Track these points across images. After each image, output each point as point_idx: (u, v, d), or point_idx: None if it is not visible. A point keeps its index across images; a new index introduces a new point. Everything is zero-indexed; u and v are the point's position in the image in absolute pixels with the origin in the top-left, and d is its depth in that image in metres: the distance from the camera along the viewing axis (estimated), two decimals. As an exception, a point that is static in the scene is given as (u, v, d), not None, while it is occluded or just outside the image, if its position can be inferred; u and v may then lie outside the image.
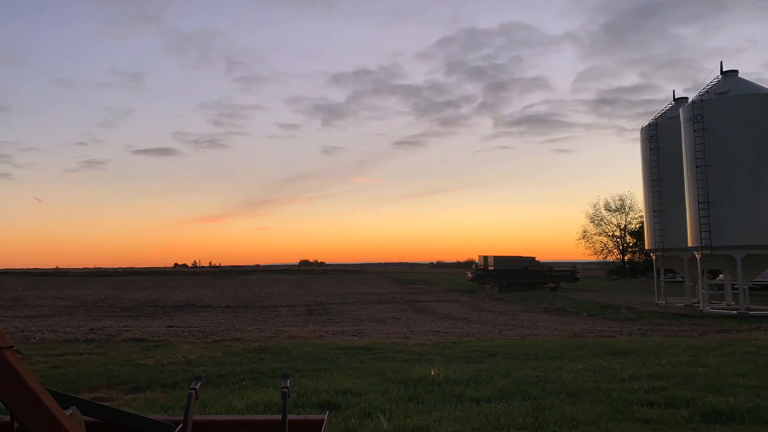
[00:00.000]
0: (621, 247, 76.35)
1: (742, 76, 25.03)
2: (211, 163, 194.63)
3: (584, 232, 77.45)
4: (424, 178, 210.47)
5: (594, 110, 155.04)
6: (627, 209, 75.22)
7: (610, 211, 76.43)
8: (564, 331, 17.05)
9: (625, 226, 75.41)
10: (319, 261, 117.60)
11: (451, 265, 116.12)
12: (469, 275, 48.06)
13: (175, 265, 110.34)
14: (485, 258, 48.27)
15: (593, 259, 78.89)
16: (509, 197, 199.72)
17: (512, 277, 45.37)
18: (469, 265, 64.52)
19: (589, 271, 77.54)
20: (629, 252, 75.58)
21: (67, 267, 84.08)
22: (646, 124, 29.88)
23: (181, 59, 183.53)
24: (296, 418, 3.13)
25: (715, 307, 25.18)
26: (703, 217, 23.57)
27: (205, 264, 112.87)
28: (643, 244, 34.95)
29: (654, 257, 30.57)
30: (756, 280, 29.23)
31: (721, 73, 25.07)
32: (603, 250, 77.43)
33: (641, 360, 10.43)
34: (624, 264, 75.71)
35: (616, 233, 76.59)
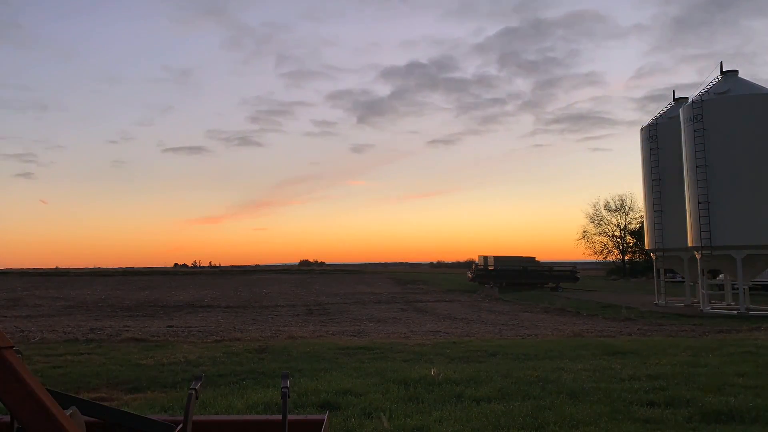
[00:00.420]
0: (621, 247, 76.39)
1: (742, 76, 25.06)
2: (236, 162, 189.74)
3: (584, 232, 77.57)
4: (426, 179, 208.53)
5: (641, 108, 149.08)
6: (627, 209, 75.33)
7: (610, 211, 76.54)
8: (564, 331, 17.05)
9: (625, 226, 75.49)
10: (319, 261, 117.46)
11: (451, 265, 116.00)
12: (469, 275, 48.07)
13: (175, 265, 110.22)
14: (485, 258, 48.29)
15: (593, 259, 78.95)
16: (509, 197, 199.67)
17: (512, 277, 45.38)
18: (469, 265, 64.50)
19: (589, 271, 77.49)
20: (629, 252, 75.60)
21: (67, 267, 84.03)
22: (646, 124, 29.90)
23: (234, 54, 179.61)
24: (296, 418, 3.13)
25: (715, 307, 25.18)
26: (703, 217, 23.57)
27: (205, 264, 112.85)
28: (643, 244, 34.97)
29: (654, 257, 30.57)
30: (756, 280, 29.24)
31: (721, 73, 25.08)
32: (603, 250, 77.53)
33: (641, 360, 10.43)
34: (624, 264, 75.71)
35: (616, 233, 76.68)
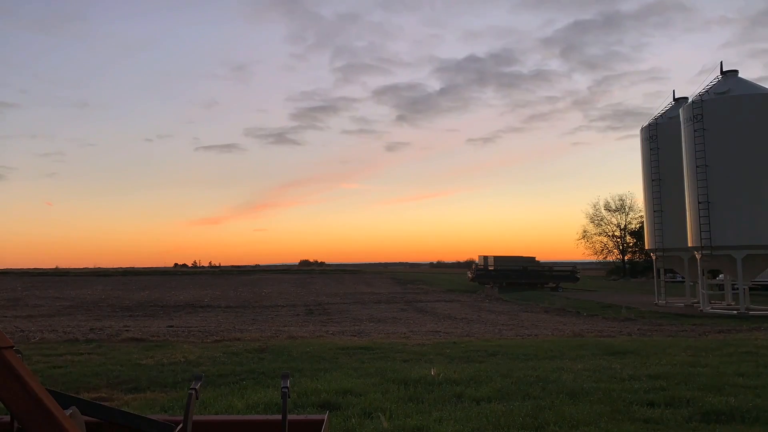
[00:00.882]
0: (621, 247, 76.40)
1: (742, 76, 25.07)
2: (263, 161, 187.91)
3: (584, 232, 77.62)
4: (427, 180, 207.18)
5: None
6: (627, 209, 75.37)
7: (610, 211, 76.57)
8: (564, 331, 17.05)
9: (625, 226, 75.52)
10: (319, 261, 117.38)
11: (451, 265, 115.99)
12: (469, 275, 48.07)
13: (175, 265, 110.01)
14: (485, 258, 48.29)
15: (593, 259, 78.99)
16: (509, 197, 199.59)
17: (512, 277, 45.39)
18: (469, 265, 64.51)
19: (589, 271, 77.50)
20: (629, 252, 75.62)
21: (67, 267, 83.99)
22: (646, 124, 29.91)
23: (293, 48, 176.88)
24: (296, 418, 3.13)
25: (715, 307, 25.18)
26: (703, 217, 23.57)
27: (205, 264, 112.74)
28: (643, 244, 34.97)
29: (654, 257, 30.58)
30: (756, 280, 29.25)
31: (721, 73, 25.08)
32: (603, 250, 77.56)
33: (641, 360, 10.43)
34: (624, 264, 75.72)
35: (616, 233, 76.71)
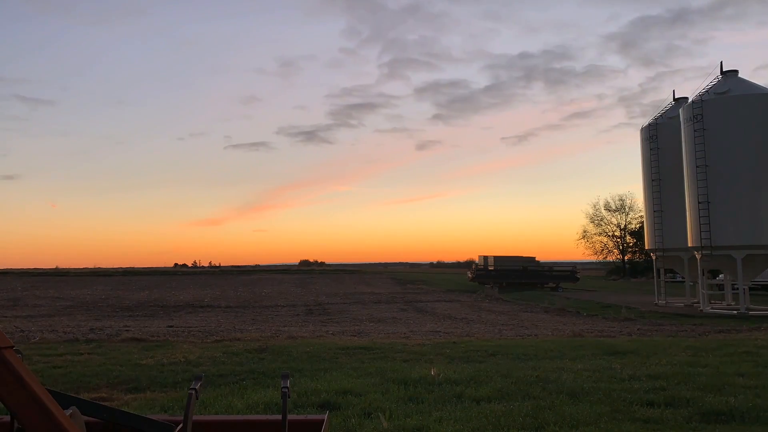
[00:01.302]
0: (621, 247, 76.36)
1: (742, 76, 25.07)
2: (286, 159, 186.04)
3: (584, 232, 77.56)
4: (429, 180, 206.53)
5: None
6: (627, 209, 75.33)
7: (610, 211, 76.54)
8: (564, 331, 17.05)
9: (625, 226, 75.47)
10: (319, 261, 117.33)
11: (451, 265, 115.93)
12: (469, 275, 48.07)
13: (176, 265, 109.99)
14: (485, 258, 48.29)
15: (593, 259, 78.92)
16: (509, 197, 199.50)
17: (512, 277, 45.38)
18: (469, 265, 64.52)
19: (589, 271, 77.53)
20: (629, 252, 75.57)
21: (67, 267, 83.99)
22: (646, 124, 29.90)
23: (348, 42, 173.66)
24: (296, 418, 3.13)
25: (715, 307, 25.17)
26: (703, 217, 23.57)
27: (205, 264, 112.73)
28: (643, 244, 34.96)
29: (654, 257, 30.57)
30: (756, 280, 29.23)
31: (721, 73, 25.08)
32: (603, 250, 77.48)
33: (641, 360, 10.43)
34: (624, 264, 75.69)
35: (616, 233, 76.67)
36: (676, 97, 30.01)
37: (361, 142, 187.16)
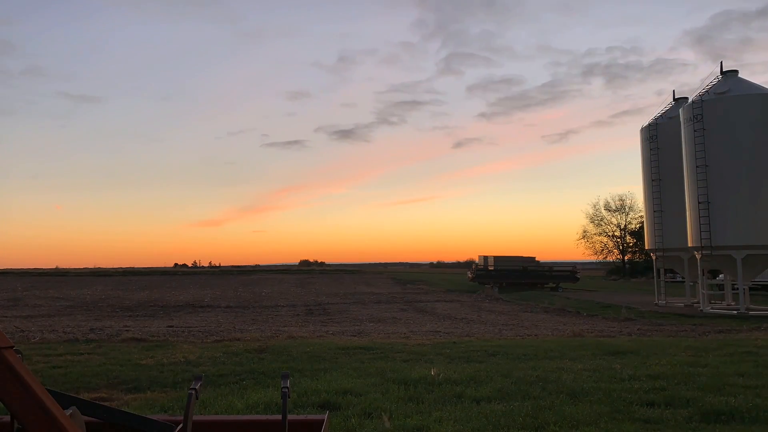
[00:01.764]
0: (621, 247, 76.36)
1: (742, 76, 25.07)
2: (314, 158, 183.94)
3: (584, 232, 77.56)
4: (429, 181, 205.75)
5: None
6: (627, 209, 75.33)
7: (610, 211, 76.54)
8: (564, 331, 17.05)
9: (625, 226, 75.48)
10: (319, 261, 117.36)
11: (451, 265, 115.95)
12: (469, 275, 48.06)
13: (175, 265, 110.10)
14: (485, 258, 48.28)
15: (593, 259, 78.92)
16: (509, 197, 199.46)
17: (512, 277, 45.36)
18: (469, 265, 64.53)
19: (589, 271, 77.52)
20: (629, 252, 75.58)
21: (67, 267, 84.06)
22: (646, 124, 29.90)
23: (412, 36, 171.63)
24: (296, 418, 3.13)
25: (715, 307, 25.17)
26: (703, 217, 23.57)
27: (205, 264, 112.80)
28: (643, 244, 34.96)
29: (654, 257, 30.57)
30: (756, 280, 29.22)
31: (721, 73, 25.08)
32: (603, 250, 77.48)
33: (641, 360, 10.43)
34: (624, 264, 75.70)
35: (616, 233, 76.67)
36: (676, 97, 30.01)
37: (395, 140, 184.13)
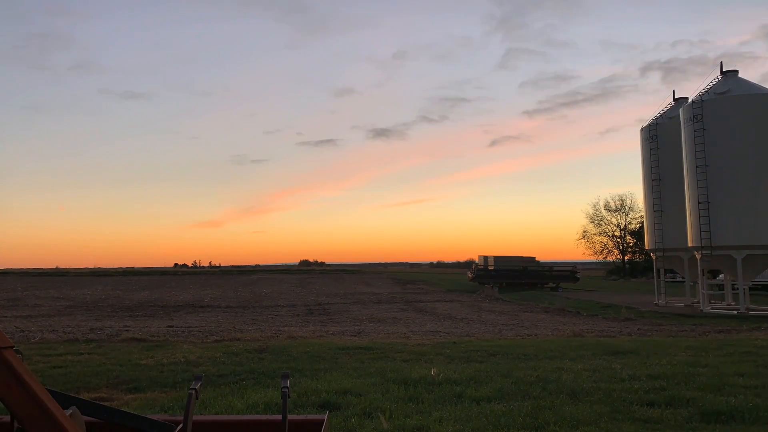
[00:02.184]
0: (621, 247, 76.41)
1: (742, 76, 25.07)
2: (340, 156, 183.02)
3: (584, 232, 77.62)
4: (430, 182, 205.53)
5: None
6: (627, 209, 75.38)
7: (610, 211, 76.59)
8: (564, 331, 17.05)
9: (625, 226, 75.53)
10: (319, 261, 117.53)
11: (451, 265, 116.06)
12: (469, 275, 48.07)
13: (175, 265, 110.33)
14: (485, 258, 48.31)
15: (593, 259, 79.02)
16: (509, 197, 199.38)
17: (512, 277, 45.38)
18: (469, 265, 64.56)
19: (589, 271, 77.55)
20: (629, 252, 75.62)
21: (67, 267, 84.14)
22: (646, 124, 29.90)
23: (474, 30, 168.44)
24: (296, 418, 3.13)
25: (715, 307, 25.17)
26: (703, 217, 23.57)
27: (205, 264, 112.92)
28: (643, 244, 34.96)
29: (654, 257, 30.57)
30: (756, 280, 29.24)
31: (721, 73, 25.08)
32: (603, 250, 77.58)
33: (641, 360, 10.43)
34: (624, 264, 75.73)
35: (616, 233, 76.70)
36: (676, 97, 30.02)
37: (431, 138, 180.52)
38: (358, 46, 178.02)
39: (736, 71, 24.97)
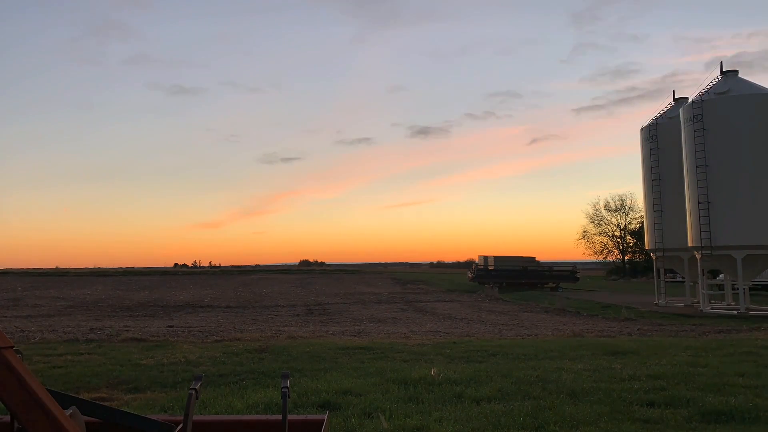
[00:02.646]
0: (621, 247, 76.43)
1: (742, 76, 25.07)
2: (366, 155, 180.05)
3: (584, 232, 77.63)
4: (430, 182, 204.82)
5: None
6: (627, 209, 75.40)
7: (610, 211, 76.60)
8: (564, 331, 17.05)
9: (625, 226, 75.54)
10: (319, 261, 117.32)
11: (451, 265, 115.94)
12: (469, 275, 48.07)
13: (175, 265, 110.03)
14: (485, 258, 48.30)
15: (593, 259, 79.03)
16: (509, 197, 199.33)
17: (512, 277, 45.38)
18: (469, 265, 64.50)
19: (589, 271, 77.50)
20: (629, 252, 75.63)
21: (67, 267, 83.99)
22: (646, 124, 29.89)
23: (543, 26, 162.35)
24: (296, 418, 3.13)
25: (715, 307, 25.17)
26: (703, 217, 23.57)
27: (205, 264, 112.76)
28: (643, 244, 34.96)
29: (654, 257, 30.56)
30: (756, 280, 29.22)
31: (721, 73, 25.08)
32: (603, 250, 77.60)
33: (641, 360, 10.43)
34: (624, 264, 75.73)
35: (616, 233, 76.71)
36: (676, 97, 30.01)
37: (467, 137, 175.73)
38: (419, 42, 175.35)
39: (736, 71, 24.97)
